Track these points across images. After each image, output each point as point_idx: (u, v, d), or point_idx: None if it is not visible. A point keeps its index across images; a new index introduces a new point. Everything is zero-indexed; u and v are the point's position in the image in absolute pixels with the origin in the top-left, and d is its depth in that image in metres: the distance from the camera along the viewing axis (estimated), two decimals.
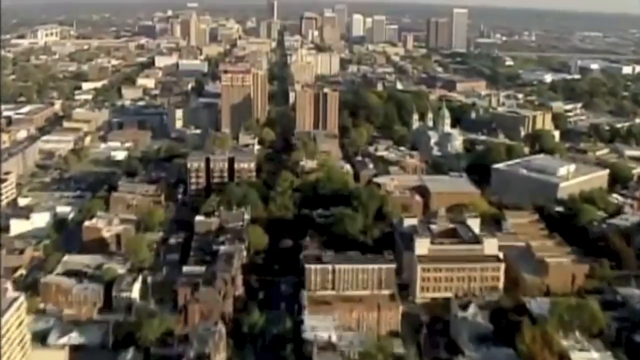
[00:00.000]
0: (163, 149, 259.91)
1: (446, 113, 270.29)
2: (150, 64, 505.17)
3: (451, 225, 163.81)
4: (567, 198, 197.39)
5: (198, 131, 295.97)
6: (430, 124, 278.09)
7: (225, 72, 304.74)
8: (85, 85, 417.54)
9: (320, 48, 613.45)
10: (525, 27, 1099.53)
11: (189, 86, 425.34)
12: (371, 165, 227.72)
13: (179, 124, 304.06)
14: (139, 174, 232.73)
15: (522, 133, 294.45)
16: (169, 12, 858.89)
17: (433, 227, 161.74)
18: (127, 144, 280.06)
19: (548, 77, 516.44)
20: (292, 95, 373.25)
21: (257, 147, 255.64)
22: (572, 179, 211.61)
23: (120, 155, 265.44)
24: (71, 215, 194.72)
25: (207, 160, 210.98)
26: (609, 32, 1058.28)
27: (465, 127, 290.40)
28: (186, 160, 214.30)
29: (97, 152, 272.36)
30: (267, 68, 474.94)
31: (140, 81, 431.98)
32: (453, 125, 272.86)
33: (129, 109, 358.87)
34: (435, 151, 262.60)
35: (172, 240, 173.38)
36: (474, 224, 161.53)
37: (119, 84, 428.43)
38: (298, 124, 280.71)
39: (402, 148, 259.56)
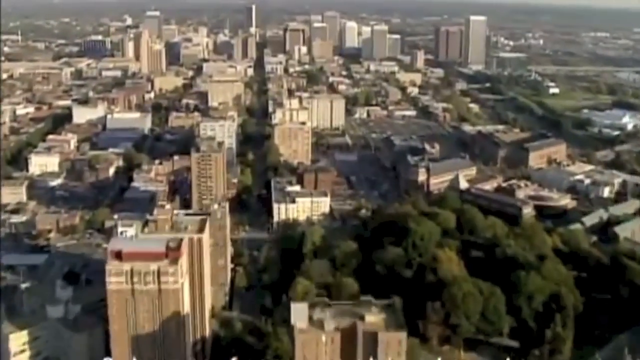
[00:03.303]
0: None
1: None
2: (69, 115, 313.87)
3: None
4: None
5: None
6: None
7: (116, 256, 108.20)
8: None
9: (310, 75, 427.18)
10: (524, 26, 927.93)
11: (111, 170, 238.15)
12: None
13: None
14: None
15: None
16: (128, 21, 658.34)
17: None
18: None
19: (629, 122, 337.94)
20: (276, 208, 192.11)
21: None
22: None
23: None
24: None
25: None
26: (613, 31, 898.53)
27: None
28: None
29: None
30: (239, 124, 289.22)
31: (36, 161, 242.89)
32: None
33: None
34: None
35: None
36: None
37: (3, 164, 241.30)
38: None
39: None
